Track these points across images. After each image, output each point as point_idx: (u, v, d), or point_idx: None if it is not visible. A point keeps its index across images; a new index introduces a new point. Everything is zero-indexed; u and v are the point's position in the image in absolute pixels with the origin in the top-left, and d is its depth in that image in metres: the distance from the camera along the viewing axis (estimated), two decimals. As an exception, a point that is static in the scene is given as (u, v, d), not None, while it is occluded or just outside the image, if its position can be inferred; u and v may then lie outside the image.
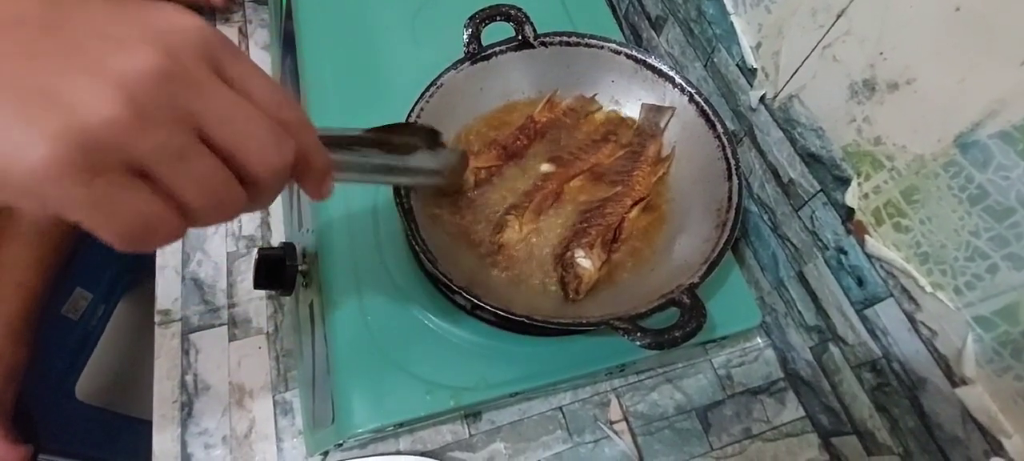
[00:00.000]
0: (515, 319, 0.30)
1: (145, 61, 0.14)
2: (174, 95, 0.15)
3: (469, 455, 0.40)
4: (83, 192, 0.14)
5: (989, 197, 0.26)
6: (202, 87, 0.16)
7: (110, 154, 0.14)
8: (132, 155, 0.14)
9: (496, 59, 0.39)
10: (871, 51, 0.31)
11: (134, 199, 0.15)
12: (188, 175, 0.16)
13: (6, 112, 0.13)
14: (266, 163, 0.17)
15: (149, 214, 0.15)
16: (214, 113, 0.16)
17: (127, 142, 0.14)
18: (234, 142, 0.16)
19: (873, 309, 0.34)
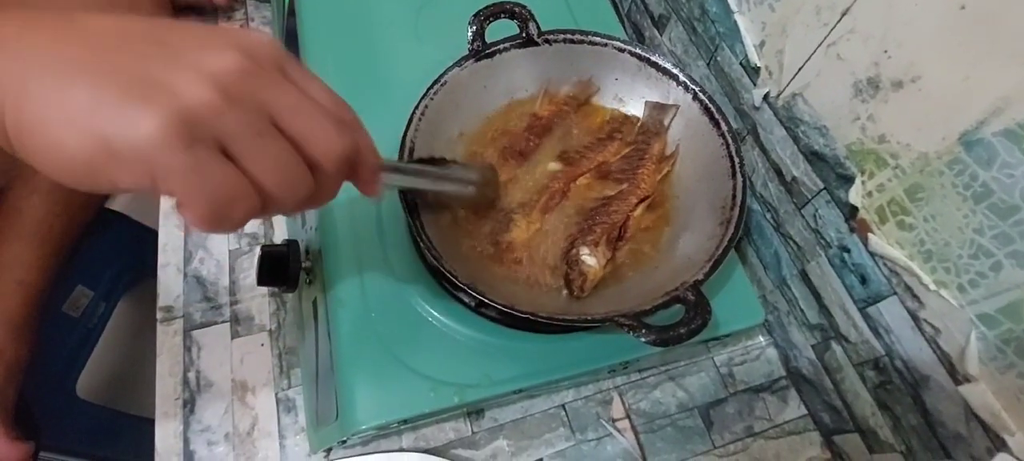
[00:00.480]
0: (519, 316, 0.30)
1: (231, 60, 0.18)
2: (254, 87, 0.18)
3: (472, 452, 0.41)
4: (182, 159, 0.16)
5: (993, 195, 0.26)
6: (276, 83, 0.19)
7: (205, 128, 0.17)
8: (222, 130, 0.17)
9: (500, 56, 0.39)
10: (875, 49, 0.31)
11: (222, 170, 0.17)
12: (265, 152, 0.18)
13: (120, 94, 0.16)
14: (330, 150, 0.20)
15: (234, 185, 0.18)
16: (286, 104, 0.19)
17: (218, 119, 0.17)
18: (303, 129, 0.19)
19: (876, 307, 0.35)
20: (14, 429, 0.48)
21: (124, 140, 0.16)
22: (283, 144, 0.19)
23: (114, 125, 0.16)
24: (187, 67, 0.17)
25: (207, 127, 0.17)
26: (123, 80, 0.16)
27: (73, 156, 0.16)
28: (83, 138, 0.16)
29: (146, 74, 0.17)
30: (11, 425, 0.48)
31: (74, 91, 0.16)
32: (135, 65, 0.17)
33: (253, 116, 0.18)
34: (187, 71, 0.17)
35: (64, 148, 0.16)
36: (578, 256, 0.33)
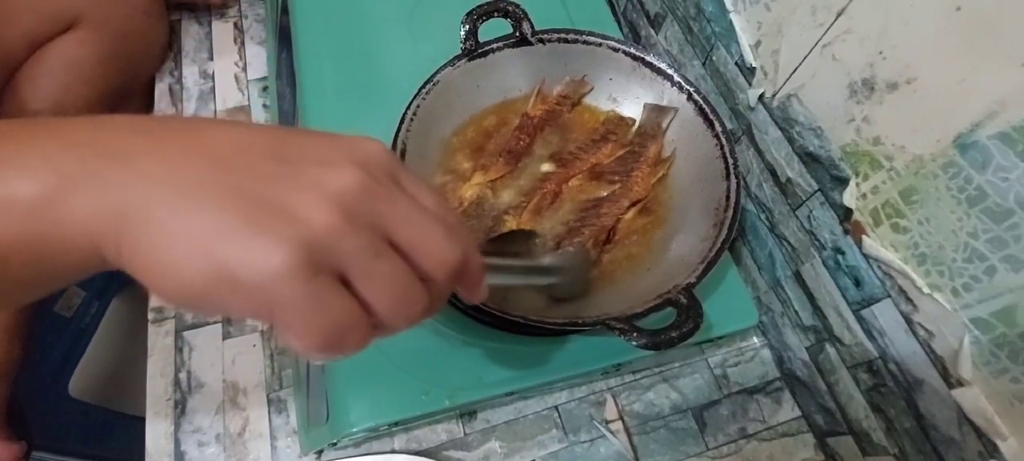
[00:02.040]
0: (510, 319, 0.29)
1: (350, 178, 0.17)
2: (371, 204, 0.18)
3: (464, 454, 0.40)
4: (304, 290, 0.16)
5: (988, 199, 0.26)
6: (390, 196, 0.18)
7: (328, 256, 0.16)
8: (342, 256, 0.17)
9: (493, 56, 0.39)
10: (871, 50, 0.31)
11: (341, 301, 0.17)
12: (382, 275, 0.17)
13: (245, 222, 0.16)
14: (442, 259, 0.19)
15: (347, 313, 0.17)
16: (400, 216, 0.18)
17: (340, 245, 0.16)
18: (416, 240, 0.18)
19: (870, 309, 0.34)
20: (6, 429, 0.47)
21: (248, 272, 0.15)
22: (399, 263, 0.18)
23: (238, 256, 0.15)
24: (309, 189, 0.17)
25: (330, 255, 0.16)
26: (247, 206, 0.16)
27: (191, 283, 0.15)
28: (204, 266, 0.15)
29: (270, 198, 0.16)
30: (3, 425, 0.47)
31: (199, 216, 0.16)
32: (258, 188, 0.16)
33: (372, 238, 0.17)
34: (309, 194, 0.16)
35: (182, 274, 0.15)
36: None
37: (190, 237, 0.15)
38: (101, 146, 0.16)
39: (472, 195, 0.35)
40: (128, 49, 0.54)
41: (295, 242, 0.15)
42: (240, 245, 0.15)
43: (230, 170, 0.16)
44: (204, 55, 0.58)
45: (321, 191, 0.17)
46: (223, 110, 0.55)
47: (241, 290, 0.15)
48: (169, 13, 0.58)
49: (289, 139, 0.18)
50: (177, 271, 0.15)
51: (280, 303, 0.16)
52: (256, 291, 0.15)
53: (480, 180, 0.36)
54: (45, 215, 0.15)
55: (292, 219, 0.16)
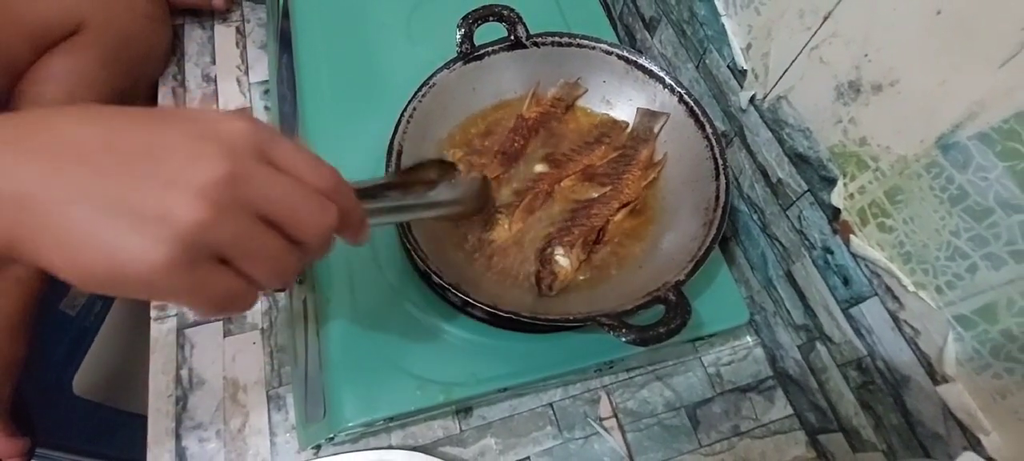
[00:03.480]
0: (503, 315, 0.30)
1: (217, 169, 0.18)
2: (239, 191, 0.19)
3: (460, 450, 0.41)
4: (187, 280, 0.18)
5: (969, 198, 0.27)
6: (258, 179, 0.19)
7: (203, 248, 0.18)
8: (217, 244, 0.19)
9: (489, 59, 0.40)
10: (856, 53, 0.31)
11: (220, 279, 0.19)
12: (256, 254, 0.20)
13: (125, 228, 0.17)
14: (314, 229, 0.21)
15: (230, 289, 0.19)
16: (268, 196, 0.20)
17: (213, 235, 0.18)
18: (287, 217, 0.20)
19: (858, 308, 0.35)
20: (11, 425, 0.48)
21: (135, 271, 0.17)
22: (272, 241, 0.20)
23: (123, 259, 0.17)
24: (178, 186, 0.18)
25: (204, 245, 0.18)
26: (124, 211, 0.17)
27: (91, 276, 0.18)
28: (100, 264, 0.17)
29: (143, 200, 0.18)
30: (8, 421, 0.48)
31: (84, 219, 0.17)
32: (132, 190, 0.18)
33: (244, 223, 0.19)
34: (179, 191, 0.18)
35: (83, 270, 0.18)
36: (552, 255, 0.33)
37: (83, 238, 0.17)
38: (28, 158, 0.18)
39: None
40: (131, 53, 0.55)
41: (170, 241, 0.17)
42: (123, 250, 0.17)
43: (103, 173, 0.18)
44: (206, 59, 0.59)
45: (190, 187, 0.18)
46: (225, 109, 0.56)
47: (134, 285, 0.18)
48: (172, 18, 0.59)
49: (155, 127, 0.19)
50: (80, 265, 0.17)
51: (169, 291, 0.18)
52: (146, 286, 0.18)
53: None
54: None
55: (165, 219, 0.17)
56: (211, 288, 0.19)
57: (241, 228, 0.19)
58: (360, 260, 0.37)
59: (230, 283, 0.19)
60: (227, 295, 0.19)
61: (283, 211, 0.20)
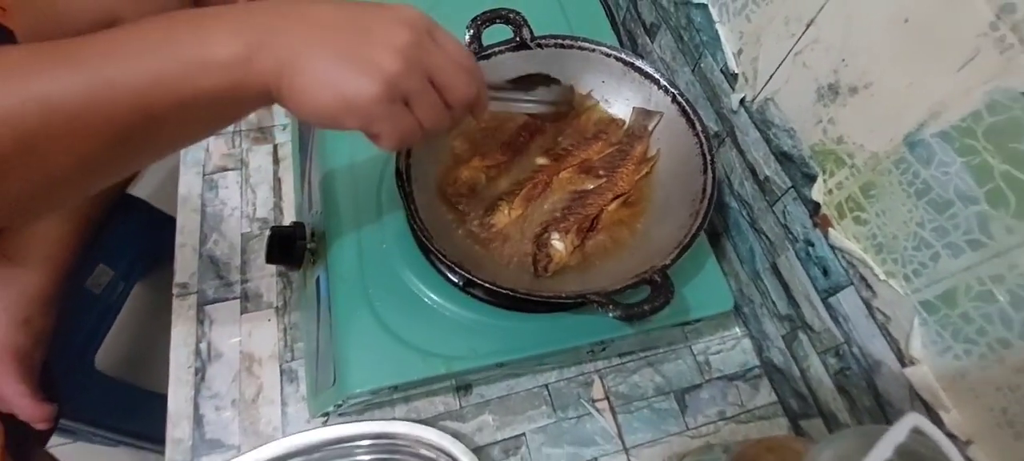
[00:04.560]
0: (502, 293, 0.33)
1: (406, 35, 0.26)
2: (420, 54, 0.27)
3: (459, 425, 0.43)
4: (388, 109, 0.26)
5: (932, 191, 0.29)
6: (430, 50, 0.28)
7: (398, 89, 0.26)
8: (406, 89, 0.27)
9: (495, 58, 0.43)
10: (835, 58, 0.34)
11: (405, 115, 0.27)
12: (427, 103, 0.28)
13: (353, 70, 0.25)
14: (461, 95, 0.29)
15: (412, 126, 0.28)
16: (436, 64, 0.28)
17: (404, 82, 0.26)
18: (446, 82, 0.28)
19: (836, 297, 0.37)
20: (40, 392, 0.51)
21: (356, 99, 0.25)
22: (435, 97, 0.28)
23: (351, 90, 0.25)
24: (383, 45, 0.26)
25: (399, 88, 0.26)
26: (352, 59, 0.26)
27: (324, 108, 0.26)
28: (332, 97, 0.25)
29: (363, 53, 0.26)
30: (37, 388, 0.51)
31: (326, 66, 0.25)
32: (356, 46, 0.26)
33: (422, 78, 0.27)
34: (383, 49, 0.26)
35: (319, 102, 0.26)
36: (548, 239, 0.36)
37: (324, 80, 0.25)
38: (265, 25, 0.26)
39: (467, 177, 0.39)
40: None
41: (380, 80, 0.25)
42: (351, 84, 0.25)
43: (338, 35, 0.26)
44: (230, 54, 0.63)
45: (391, 46, 0.26)
46: (246, 105, 0.59)
47: (353, 110, 0.26)
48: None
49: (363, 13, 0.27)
50: (317, 101, 0.25)
51: (375, 117, 0.26)
52: (361, 110, 0.26)
53: (478, 165, 0.39)
54: (238, 70, 0.25)
55: (378, 66, 0.26)
56: (399, 120, 0.27)
57: (419, 83, 0.27)
58: (370, 241, 0.40)
59: (409, 120, 0.28)
60: (407, 128, 0.27)
61: (444, 77, 0.28)
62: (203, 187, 0.55)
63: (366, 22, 0.27)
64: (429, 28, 0.28)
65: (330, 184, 0.42)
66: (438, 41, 0.28)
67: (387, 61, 0.26)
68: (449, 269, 0.36)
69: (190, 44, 0.24)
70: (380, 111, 0.26)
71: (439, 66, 0.28)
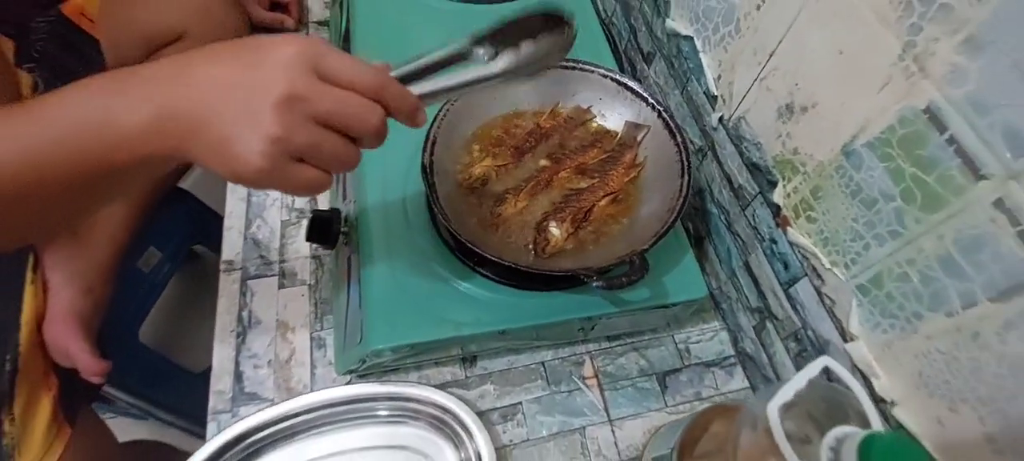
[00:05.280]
0: (505, 266, 0.39)
1: (284, 89, 0.26)
2: (302, 108, 0.26)
3: (464, 392, 0.49)
4: (278, 175, 0.27)
5: (862, 191, 0.35)
6: (317, 95, 0.27)
7: (282, 154, 0.27)
8: (292, 150, 0.27)
9: (508, 76, 0.50)
10: (790, 82, 0.40)
11: (301, 172, 0.28)
12: (322, 153, 0.28)
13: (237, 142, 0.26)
14: (364, 127, 0.28)
15: (309, 178, 0.28)
16: (326, 110, 0.27)
17: (286, 146, 0.26)
18: (343, 122, 0.28)
19: (794, 287, 0.43)
20: (97, 350, 0.58)
21: (245, 173, 0.27)
22: (333, 141, 0.28)
23: (239, 166, 0.27)
24: (264, 108, 0.26)
25: (282, 152, 0.26)
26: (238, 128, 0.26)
27: (223, 176, 0.28)
28: (226, 171, 0.27)
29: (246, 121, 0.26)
30: (95, 346, 0.58)
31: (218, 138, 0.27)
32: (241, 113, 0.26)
33: (308, 132, 0.27)
34: (265, 112, 0.26)
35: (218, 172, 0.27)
36: (546, 227, 0.42)
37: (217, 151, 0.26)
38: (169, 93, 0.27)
39: (480, 172, 0.45)
40: (220, 58, 0.67)
41: (260, 153, 0.26)
42: (238, 158, 0.26)
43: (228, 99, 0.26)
44: (277, 67, 0.71)
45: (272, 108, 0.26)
46: (289, 111, 0.67)
47: (244, 181, 0.27)
48: (251, 33, 0.72)
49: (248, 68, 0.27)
50: (216, 169, 0.27)
51: (266, 184, 0.27)
52: (250, 181, 0.27)
53: (490, 163, 0.46)
54: (149, 142, 0.27)
55: (260, 135, 0.26)
56: (296, 179, 0.28)
57: (306, 137, 0.26)
58: (396, 223, 0.47)
59: (308, 174, 0.28)
60: (308, 183, 0.28)
61: (336, 118, 0.27)
62: (249, 180, 0.62)
63: (251, 79, 0.26)
64: (314, 63, 0.27)
65: (363, 178, 0.49)
66: (329, 72, 0.27)
67: (268, 126, 0.25)
68: (462, 248, 0.42)
69: (102, 122, 0.26)
70: (269, 179, 0.27)
71: (329, 110, 0.27)
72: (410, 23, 0.60)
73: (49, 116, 0.28)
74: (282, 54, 0.27)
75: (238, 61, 0.27)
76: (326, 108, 0.27)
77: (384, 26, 0.59)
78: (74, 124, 0.27)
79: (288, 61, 0.26)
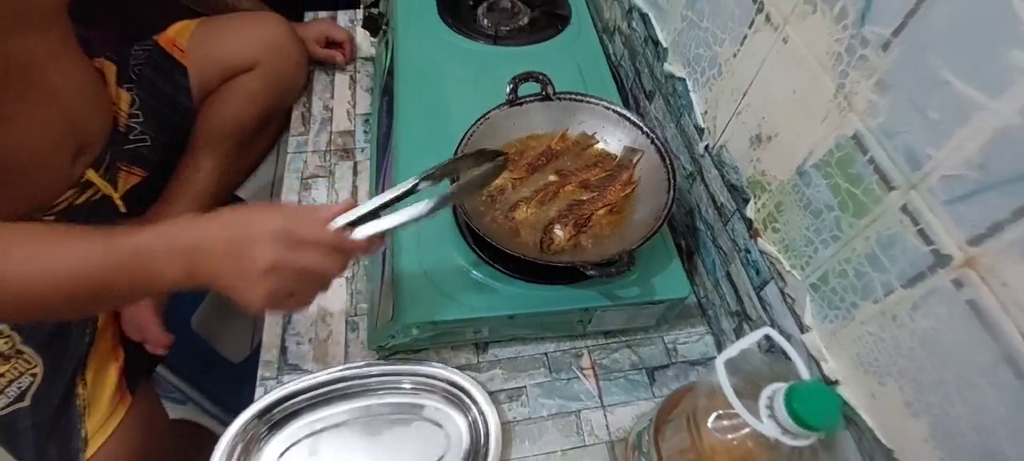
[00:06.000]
0: (515, 259, 0.47)
1: (272, 257, 0.37)
2: (285, 267, 0.37)
3: (476, 374, 0.56)
4: (271, 309, 0.43)
5: (812, 204, 0.42)
6: (294, 257, 0.37)
7: (274, 298, 0.38)
8: (281, 295, 0.38)
9: (525, 105, 0.59)
10: (759, 116, 0.48)
11: (288, 303, 0.40)
12: (303, 290, 0.40)
13: (243, 290, 0.38)
14: (330, 272, 0.40)
15: (295, 306, 0.43)
16: (301, 266, 0.38)
17: (277, 295, 0.38)
18: (313, 273, 0.39)
19: (764, 290, 0.49)
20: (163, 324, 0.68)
21: (251, 308, 0.38)
22: (308, 284, 0.40)
23: (246, 303, 0.38)
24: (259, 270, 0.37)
25: (277, 294, 0.38)
26: (242, 281, 0.37)
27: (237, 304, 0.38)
28: (240, 304, 0.38)
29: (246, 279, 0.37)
30: (162, 322, 0.68)
31: (230, 285, 0.38)
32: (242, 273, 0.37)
33: (292, 280, 0.38)
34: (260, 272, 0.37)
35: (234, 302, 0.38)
36: (552, 229, 0.50)
37: (231, 293, 0.38)
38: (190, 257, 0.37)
39: (499, 184, 0.54)
40: (282, 87, 0.79)
41: (260, 297, 0.37)
42: (245, 299, 0.38)
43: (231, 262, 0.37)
44: (327, 95, 0.83)
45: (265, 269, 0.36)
46: (336, 131, 0.78)
47: (251, 311, 0.38)
48: (310, 65, 0.84)
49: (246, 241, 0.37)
50: (232, 300, 0.38)
51: (265, 312, 0.45)
52: (255, 311, 0.39)
53: (507, 176, 0.55)
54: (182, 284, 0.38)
55: (258, 285, 0.37)
56: (286, 308, 0.45)
57: (291, 283, 0.38)
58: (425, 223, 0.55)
59: (294, 304, 0.41)
60: (295, 309, 0.47)
61: (309, 271, 0.39)
62: (300, 187, 0.72)
63: (246, 251, 0.36)
64: (288, 237, 0.37)
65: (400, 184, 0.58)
66: (301, 241, 0.37)
67: (259, 287, 0.37)
68: (481, 244, 0.51)
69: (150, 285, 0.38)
70: (267, 310, 0.43)
71: (304, 266, 0.38)
72: (444, 60, 0.70)
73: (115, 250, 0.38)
74: (266, 230, 0.37)
75: (235, 238, 0.38)
76: (300, 266, 0.38)
77: (422, 63, 0.70)
78: (128, 266, 0.38)
79: (271, 236, 0.37)
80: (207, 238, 0.38)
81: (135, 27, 0.76)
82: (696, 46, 0.57)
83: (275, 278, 0.37)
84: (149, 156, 0.72)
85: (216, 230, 0.38)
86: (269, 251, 0.36)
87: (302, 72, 0.81)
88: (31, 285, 0.37)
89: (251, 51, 0.76)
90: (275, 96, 0.78)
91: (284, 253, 0.37)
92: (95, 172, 0.63)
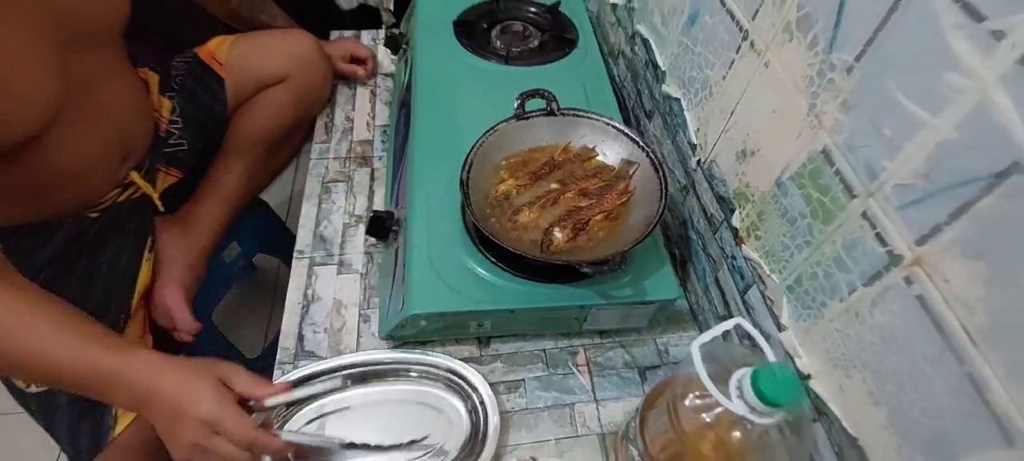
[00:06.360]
0: (517, 257, 0.51)
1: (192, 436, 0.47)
2: (202, 448, 0.47)
3: (478, 367, 0.60)
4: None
5: (788, 213, 0.46)
6: (208, 445, 0.47)
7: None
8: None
9: (532, 120, 0.64)
10: (743, 134, 0.53)
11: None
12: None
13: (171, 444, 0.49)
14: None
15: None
16: (214, 451, 0.47)
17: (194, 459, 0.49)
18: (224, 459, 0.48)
19: (747, 293, 0.53)
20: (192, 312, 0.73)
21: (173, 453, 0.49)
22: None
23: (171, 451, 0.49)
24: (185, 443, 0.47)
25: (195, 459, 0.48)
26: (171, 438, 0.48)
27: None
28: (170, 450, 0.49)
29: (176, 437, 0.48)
30: (191, 310, 0.73)
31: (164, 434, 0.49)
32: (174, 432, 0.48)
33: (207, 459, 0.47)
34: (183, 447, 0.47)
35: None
36: (552, 231, 0.54)
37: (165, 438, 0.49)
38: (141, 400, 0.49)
39: (504, 189, 0.59)
40: (309, 99, 0.85)
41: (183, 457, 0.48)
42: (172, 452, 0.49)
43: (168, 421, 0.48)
44: (349, 106, 0.89)
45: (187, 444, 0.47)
46: (356, 140, 0.84)
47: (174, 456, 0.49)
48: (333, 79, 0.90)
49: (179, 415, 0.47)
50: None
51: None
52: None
53: (512, 183, 0.59)
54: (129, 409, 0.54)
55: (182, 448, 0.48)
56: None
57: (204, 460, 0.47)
58: (436, 223, 0.60)
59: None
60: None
61: (223, 457, 0.47)
62: (321, 190, 0.78)
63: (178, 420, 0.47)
64: (214, 425, 0.46)
65: (413, 188, 0.63)
66: (222, 432, 0.46)
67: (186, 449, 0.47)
68: (486, 243, 0.55)
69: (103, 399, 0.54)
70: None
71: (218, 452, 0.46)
72: (458, 77, 0.76)
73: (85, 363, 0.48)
74: (198, 413, 0.47)
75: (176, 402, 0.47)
76: (214, 451, 0.47)
77: (438, 80, 0.76)
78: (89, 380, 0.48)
79: (200, 419, 0.47)
80: (157, 390, 0.48)
81: (176, 41, 0.83)
82: (690, 69, 0.62)
83: (196, 451, 0.47)
84: (186, 159, 0.78)
85: (168, 385, 0.48)
86: (194, 431, 0.46)
87: (327, 86, 0.87)
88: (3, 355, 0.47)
89: (283, 65, 0.82)
90: (302, 107, 0.84)
91: (205, 438, 0.47)
92: (137, 173, 0.70)
